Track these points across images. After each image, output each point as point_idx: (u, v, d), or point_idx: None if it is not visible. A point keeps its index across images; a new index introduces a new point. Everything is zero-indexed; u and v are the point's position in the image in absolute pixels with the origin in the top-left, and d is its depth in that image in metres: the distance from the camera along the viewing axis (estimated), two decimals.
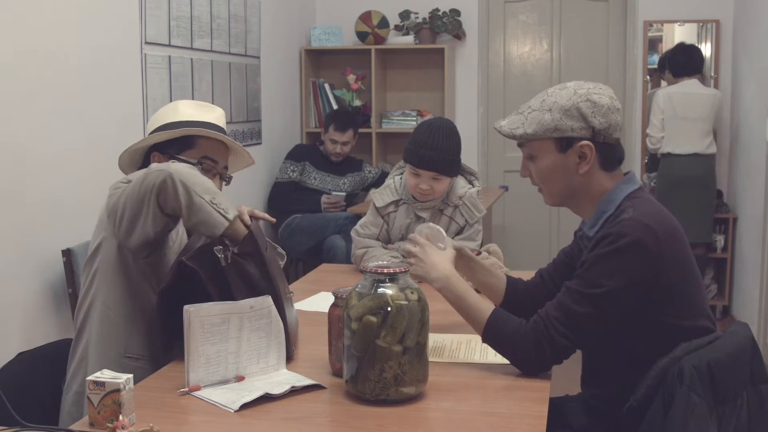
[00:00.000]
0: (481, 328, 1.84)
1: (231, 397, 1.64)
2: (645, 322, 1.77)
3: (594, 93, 1.80)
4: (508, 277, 2.17)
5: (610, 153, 1.83)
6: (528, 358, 1.78)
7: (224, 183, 2.20)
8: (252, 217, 1.93)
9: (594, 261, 1.74)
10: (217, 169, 2.15)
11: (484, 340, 1.86)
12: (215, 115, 2.18)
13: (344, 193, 4.95)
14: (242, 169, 2.37)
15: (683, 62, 5.06)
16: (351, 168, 5.09)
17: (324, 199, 4.84)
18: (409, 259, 1.97)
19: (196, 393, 1.67)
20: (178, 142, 2.10)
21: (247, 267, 1.85)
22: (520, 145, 1.89)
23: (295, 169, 4.92)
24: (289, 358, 1.89)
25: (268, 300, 1.79)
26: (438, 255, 1.95)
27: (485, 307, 1.86)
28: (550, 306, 1.79)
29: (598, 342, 1.80)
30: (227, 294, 1.82)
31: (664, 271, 1.73)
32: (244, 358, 1.76)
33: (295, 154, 4.98)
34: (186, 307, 1.68)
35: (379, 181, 5.13)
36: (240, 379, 1.75)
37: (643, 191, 1.85)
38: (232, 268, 1.84)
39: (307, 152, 5.01)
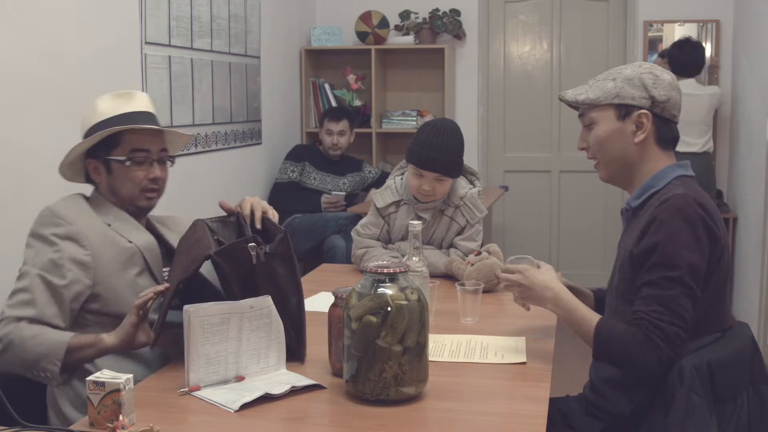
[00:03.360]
0: (590, 343, 1.82)
1: (231, 397, 1.64)
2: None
3: (657, 69, 1.88)
4: (595, 292, 2.16)
5: (666, 128, 1.86)
6: (644, 363, 1.72)
7: (170, 165, 2.16)
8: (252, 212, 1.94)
9: (665, 242, 1.72)
10: (152, 157, 2.10)
11: (596, 358, 1.84)
12: (136, 102, 2.12)
13: (344, 193, 4.95)
14: (182, 147, 2.30)
15: (685, 62, 5.03)
16: (351, 168, 5.09)
17: (324, 198, 4.84)
18: (512, 288, 1.96)
19: (196, 393, 1.67)
20: (105, 144, 2.06)
21: (276, 266, 1.86)
22: (581, 116, 1.94)
23: (295, 169, 4.92)
24: (302, 358, 1.90)
25: (268, 300, 1.78)
26: (543, 275, 1.93)
27: (593, 318, 1.83)
28: (640, 306, 1.75)
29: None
30: (252, 292, 1.81)
31: (716, 249, 1.74)
32: (244, 358, 1.76)
33: (295, 155, 4.98)
34: (186, 307, 1.68)
35: (379, 181, 5.13)
36: (240, 379, 1.75)
37: (694, 180, 1.86)
38: (263, 267, 1.84)
39: (307, 152, 5.01)
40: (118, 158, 2.06)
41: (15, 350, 1.86)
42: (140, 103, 2.13)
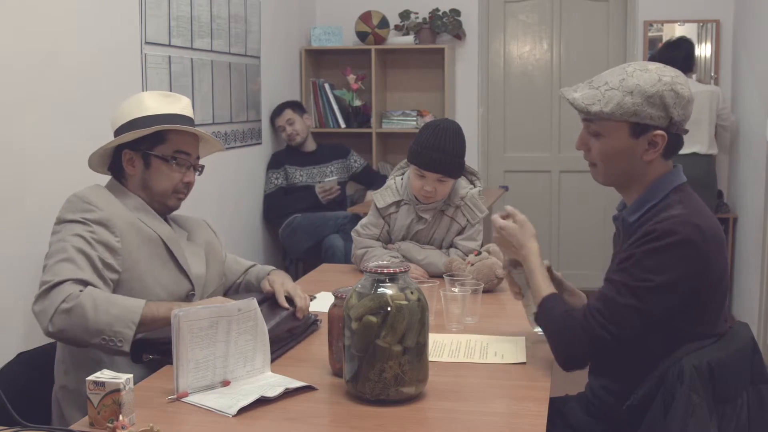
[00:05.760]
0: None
1: (225, 402, 1.63)
2: (674, 322, 1.73)
3: (678, 83, 1.75)
4: (589, 295, 2.14)
5: (676, 143, 1.80)
6: (564, 348, 1.78)
7: (197, 173, 2.20)
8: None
9: (643, 256, 1.70)
10: (191, 161, 2.15)
11: (536, 322, 1.93)
12: (181, 105, 2.15)
13: (336, 178, 4.93)
14: (211, 154, 2.35)
15: (676, 59, 4.98)
16: (335, 155, 5.07)
17: (318, 189, 4.82)
18: (508, 222, 2.03)
19: (186, 399, 1.66)
20: (149, 139, 2.08)
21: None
22: (585, 120, 1.83)
23: (279, 176, 4.91)
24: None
25: (253, 302, 1.78)
26: (530, 238, 2.01)
27: (545, 289, 1.89)
28: (592, 299, 1.79)
29: (635, 340, 1.74)
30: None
31: (706, 272, 1.71)
32: (231, 361, 1.74)
33: (274, 162, 4.96)
34: (174, 312, 1.66)
35: (362, 174, 5.14)
36: (226, 383, 1.73)
37: (687, 187, 1.82)
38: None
39: (284, 156, 4.98)
40: (162, 155, 2.09)
41: (86, 311, 1.81)
42: (185, 107, 2.16)
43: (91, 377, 1.52)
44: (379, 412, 1.60)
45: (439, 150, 2.59)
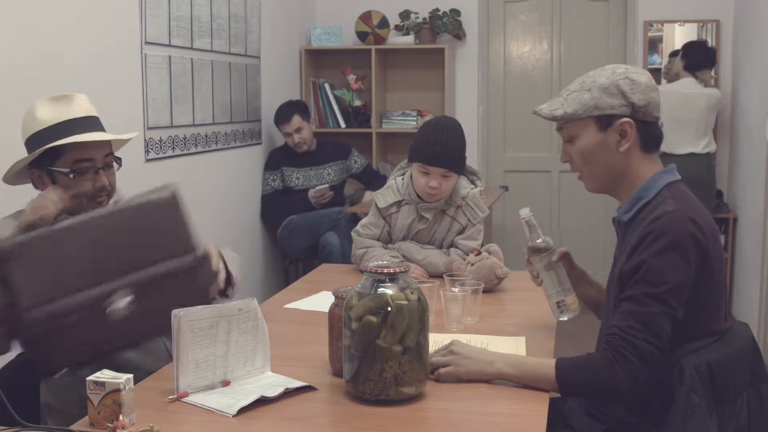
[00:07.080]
0: (554, 384, 1.72)
1: (226, 401, 1.63)
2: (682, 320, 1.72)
3: (632, 72, 1.81)
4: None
5: (649, 132, 1.81)
6: (617, 381, 1.67)
7: (117, 166, 2.08)
8: None
9: (652, 260, 1.69)
10: (97, 165, 2.02)
11: (564, 394, 1.75)
12: (75, 107, 2.03)
13: (327, 185, 4.85)
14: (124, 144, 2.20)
15: (699, 60, 5.03)
16: (334, 155, 5.01)
17: (311, 194, 4.80)
18: (447, 369, 1.76)
19: (186, 399, 1.66)
20: (47, 155, 1.97)
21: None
22: (559, 129, 1.88)
23: (276, 178, 4.89)
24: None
25: (254, 302, 1.78)
26: (472, 348, 1.83)
27: (546, 363, 1.74)
28: (616, 322, 1.71)
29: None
30: None
31: (707, 264, 1.71)
32: (231, 361, 1.74)
33: (271, 164, 4.93)
34: (174, 312, 1.66)
35: (363, 174, 5.12)
36: (226, 383, 1.73)
37: (682, 184, 1.82)
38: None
39: (281, 156, 4.94)
40: (61, 170, 1.99)
41: None
42: (80, 107, 2.05)
43: (91, 377, 1.52)
44: (379, 412, 1.60)
45: (442, 145, 2.60)
